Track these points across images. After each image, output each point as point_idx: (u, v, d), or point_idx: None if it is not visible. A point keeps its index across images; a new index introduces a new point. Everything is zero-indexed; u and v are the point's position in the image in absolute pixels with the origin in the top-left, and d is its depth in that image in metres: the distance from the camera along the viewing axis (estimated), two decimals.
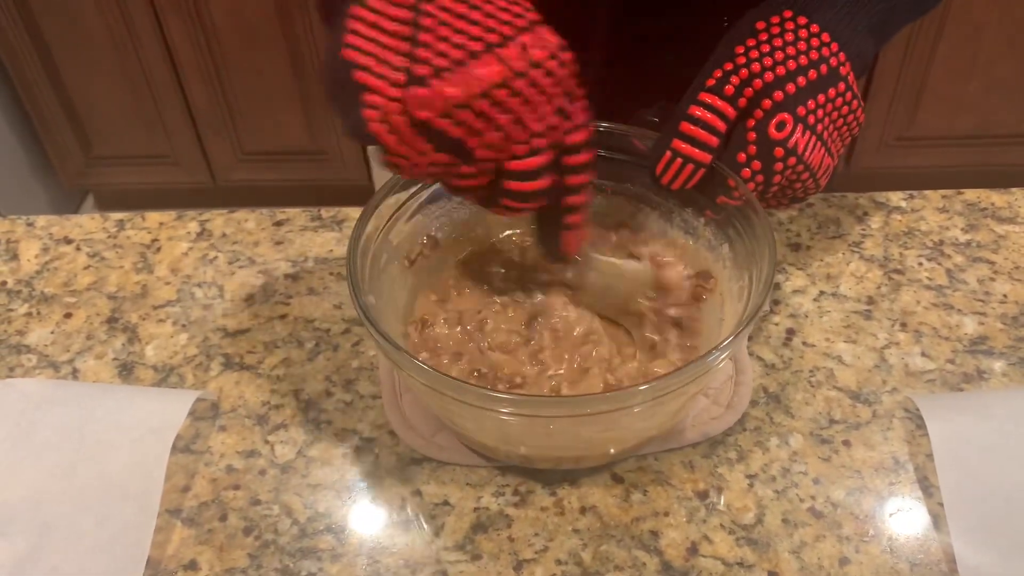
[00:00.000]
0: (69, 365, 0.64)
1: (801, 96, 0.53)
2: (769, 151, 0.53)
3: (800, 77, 0.53)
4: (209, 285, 0.70)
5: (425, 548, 0.52)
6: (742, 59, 0.53)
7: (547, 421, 0.48)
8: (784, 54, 0.53)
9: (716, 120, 0.53)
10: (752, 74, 0.53)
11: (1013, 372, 0.60)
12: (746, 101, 0.53)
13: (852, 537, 0.52)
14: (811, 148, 0.53)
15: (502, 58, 0.44)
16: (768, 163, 0.53)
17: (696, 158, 0.53)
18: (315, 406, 0.60)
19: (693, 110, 0.54)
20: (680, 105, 0.55)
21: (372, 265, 0.54)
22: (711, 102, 0.53)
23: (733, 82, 0.53)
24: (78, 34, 1.90)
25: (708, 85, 0.54)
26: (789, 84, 0.53)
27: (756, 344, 0.63)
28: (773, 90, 0.53)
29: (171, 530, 0.54)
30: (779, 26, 0.54)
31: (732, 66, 0.53)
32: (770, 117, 0.52)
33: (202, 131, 2.06)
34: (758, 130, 0.53)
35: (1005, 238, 0.70)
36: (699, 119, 0.53)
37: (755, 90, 0.53)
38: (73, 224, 0.77)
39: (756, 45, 0.53)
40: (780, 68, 0.53)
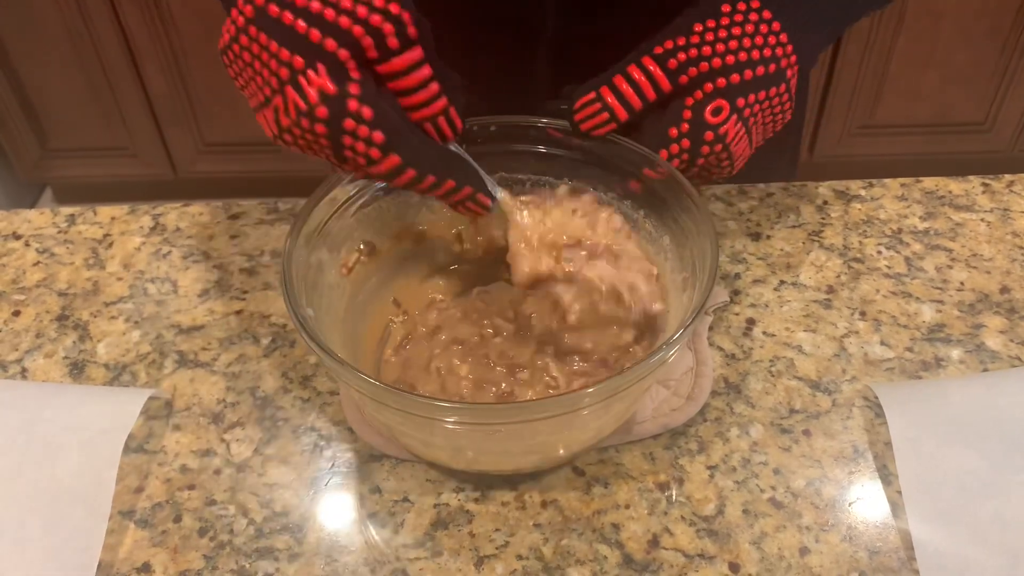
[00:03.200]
0: (18, 364, 0.63)
1: (744, 88, 0.54)
2: (700, 133, 0.54)
3: (747, 70, 0.53)
4: (162, 281, 0.69)
5: (385, 546, 0.52)
6: (696, 38, 0.54)
7: (496, 428, 0.48)
8: (739, 44, 0.53)
9: (648, 87, 0.54)
10: (701, 56, 0.53)
11: (970, 360, 0.61)
12: (687, 79, 0.54)
13: (812, 527, 0.52)
14: (738, 139, 0.55)
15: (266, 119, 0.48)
16: (696, 144, 0.54)
17: (616, 112, 0.54)
18: (271, 403, 0.59)
19: (631, 69, 0.54)
20: (624, 59, 0.55)
21: (308, 274, 0.53)
22: (651, 69, 0.54)
23: (680, 58, 0.54)
24: (32, 24, 1.85)
25: (656, 52, 0.54)
26: (735, 74, 0.53)
27: (716, 334, 0.63)
28: (718, 76, 0.53)
29: (124, 532, 0.53)
30: (743, 14, 0.54)
31: (684, 41, 0.54)
32: (708, 101, 0.53)
33: (162, 122, 2.02)
34: (694, 110, 0.54)
35: (962, 226, 0.71)
36: (634, 80, 0.54)
37: (700, 71, 0.53)
38: (22, 219, 0.75)
39: (715, 28, 0.54)
40: (730, 57, 0.53)
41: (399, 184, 0.49)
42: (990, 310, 0.64)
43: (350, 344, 0.57)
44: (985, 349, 0.61)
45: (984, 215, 0.72)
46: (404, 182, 0.49)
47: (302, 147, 0.48)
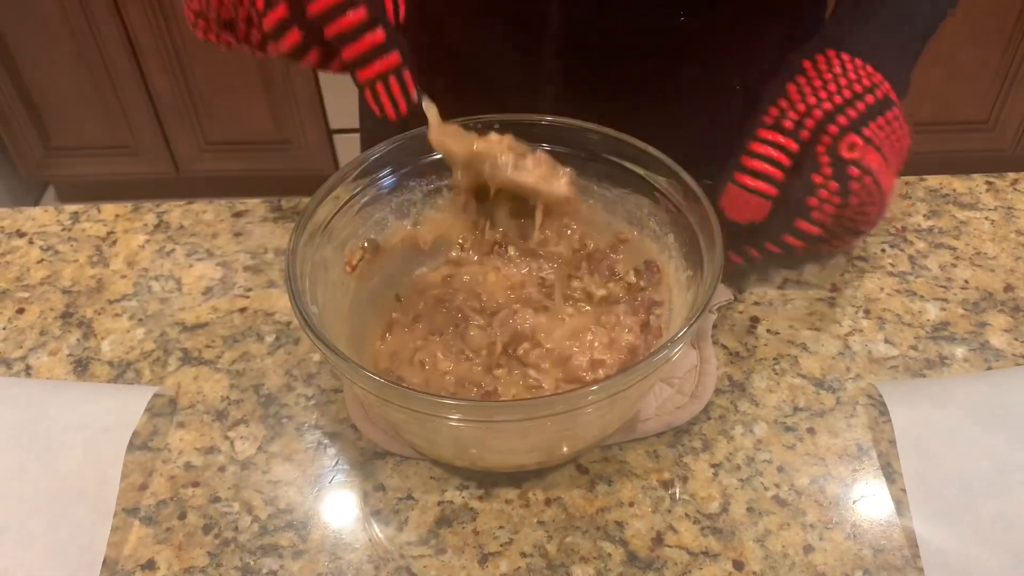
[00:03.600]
0: (22, 362, 0.63)
1: (863, 119, 0.55)
2: (843, 170, 0.55)
3: (858, 103, 0.55)
4: (166, 278, 0.69)
5: (388, 543, 0.52)
6: (796, 95, 0.55)
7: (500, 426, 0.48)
8: (837, 85, 0.55)
9: (778, 154, 0.55)
10: (810, 107, 0.55)
11: (974, 358, 0.61)
12: (808, 133, 0.55)
13: (816, 524, 0.52)
14: (880, 166, 0.55)
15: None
16: (843, 182, 0.55)
17: (760, 190, 0.55)
18: (276, 401, 0.59)
19: (753, 146, 0.55)
20: (740, 144, 0.56)
21: (313, 271, 0.53)
22: (771, 138, 0.55)
23: (791, 117, 0.55)
24: (35, 22, 1.85)
25: (766, 123, 0.56)
26: (850, 110, 0.55)
27: (721, 332, 0.63)
28: (836, 116, 0.55)
29: (128, 529, 0.53)
30: (825, 63, 0.56)
31: (787, 103, 0.55)
32: (840, 139, 0.55)
33: (165, 121, 2.02)
34: (830, 153, 0.55)
35: (966, 224, 0.71)
36: (760, 154, 0.55)
37: (816, 120, 0.55)
38: (26, 217, 0.75)
39: (807, 81, 0.56)
40: (837, 97, 0.55)
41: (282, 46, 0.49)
42: (994, 308, 0.64)
43: (355, 341, 0.57)
44: (989, 347, 0.61)
45: (988, 213, 0.72)
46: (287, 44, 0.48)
47: None
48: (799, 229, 0.56)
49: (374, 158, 0.58)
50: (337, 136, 2.04)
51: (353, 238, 0.58)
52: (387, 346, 0.58)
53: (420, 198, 0.61)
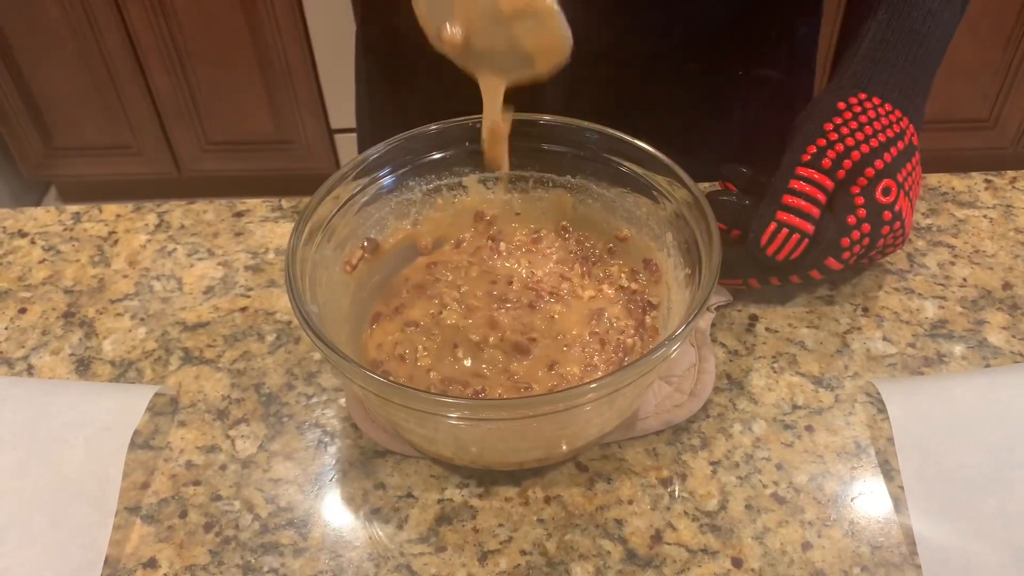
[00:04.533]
0: (24, 361, 0.63)
1: (896, 165, 0.57)
2: (878, 214, 0.57)
3: (893, 148, 0.57)
4: (168, 278, 0.69)
5: (389, 541, 0.52)
6: (834, 135, 0.57)
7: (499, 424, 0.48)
8: (873, 128, 0.57)
9: (816, 192, 0.57)
10: (848, 148, 0.56)
11: (972, 355, 0.61)
12: (844, 173, 0.57)
13: (815, 522, 0.52)
14: (908, 211, 0.58)
15: None
16: (876, 226, 0.57)
17: (800, 228, 0.56)
18: (276, 400, 0.60)
19: (793, 184, 0.57)
20: (777, 180, 0.57)
21: (313, 271, 0.54)
22: (810, 176, 0.57)
23: (830, 155, 0.57)
24: (36, 22, 1.86)
25: (804, 160, 0.57)
26: (885, 154, 0.57)
27: (719, 330, 0.63)
28: (873, 160, 0.57)
29: (130, 528, 0.53)
30: (859, 105, 0.58)
31: (825, 142, 0.57)
32: (876, 184, 0.57)
33: (166, 121, 2.03)
34: (866, 195, 0.57)
35: (965, 222, 0.71)
36: (800, 191, 0.56)
37: (854, 162, 0.57)
38: (28, 217, 0.75)
39: (844, 123, 0.57)
40: (873, 141, 0.57)
41: None
42: (992, 306, 0.64)
43: (354, 341, 0.57)
44: (987, 345, 0.61)
45: (987, 211, 0.72)
46: None
47: None
48: (828, 267, 0.58)
49: (373, 158, 0.58)
50: (338, 136, 2.05)
51: (353, 238, 0.59)
52: (373, 338, 0.58)
53: (419, 198, 0.62)
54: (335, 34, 1.84)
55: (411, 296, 0.60)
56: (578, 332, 0.57)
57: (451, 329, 0.57)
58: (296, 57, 1.89)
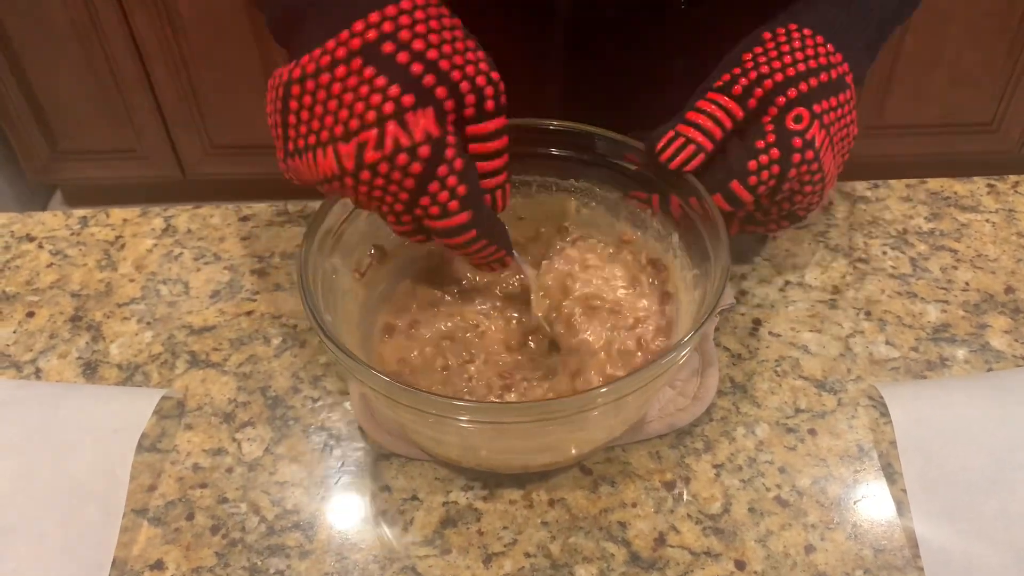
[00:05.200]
0: (32, 365, 0.64)
1: (815, 95, 0.54)
2: (787, 141, 0.54)
3: (812, 78, 0.55)
4: (174, 282, 0.69)
5: (394, 543, 0.52)
6: (750, 64, 0.55)
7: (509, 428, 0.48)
8: (793, 58, 0.55)
9: (722, 114, 0.55)
10: (762, 75, 0.55)
11: (975, 359, 0.61)
12: (756, 102, 0.55)
13: (817, 525, 0.52)
14: (824, 146, 0.55)
15: (338, 154, 0.46)
16: (785, 152, 0.54)
17: (699, 141, 0.55)
18: (282, 403, 0.60)
19: (701, 104, 0.55)
20: (689, 101, 0.56)
21: (324, 279, 0.54)
22: (719, 99, 0.55)
23: (742, 83, 0.55)
24: (42, 27, 1.86)
25: (716, 86, 0.56)
26: (802, 83, 0.54)
27: (722, 334, 0.63)
28: (787, 87, 0.54)
29: (137, 530, 0.53)
30: (785, 35, 0.56)
31: (740, 70, 0.55)
32: (787, 110, 0.54)
33: (170, 125, 2.03)
34: (776, 122, 0.54)
35: (967, 226, 0.71)
36: (704, 110, 0.55)
37: (765, 90, 0.55)
38: (35, 221, 0.76)
39: (764, 52, 0.55)
40: (791, 69, 0.55)
41: (451, 241, 0.49)
42: (995, 310, 0.64)
43: (365, 347, 0.57)
44: (990, 349, 0.62)
45: (989, 216, 0.72)
46: (460, 241, 0.49)
47: (362, 192, 0.47)
48: (733, 191, 0.55)
49: None
50: None
51: (361, 245, 0.59)
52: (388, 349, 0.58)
53: None
54: None
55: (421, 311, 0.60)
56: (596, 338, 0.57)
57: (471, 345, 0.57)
58: None
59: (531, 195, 0.63)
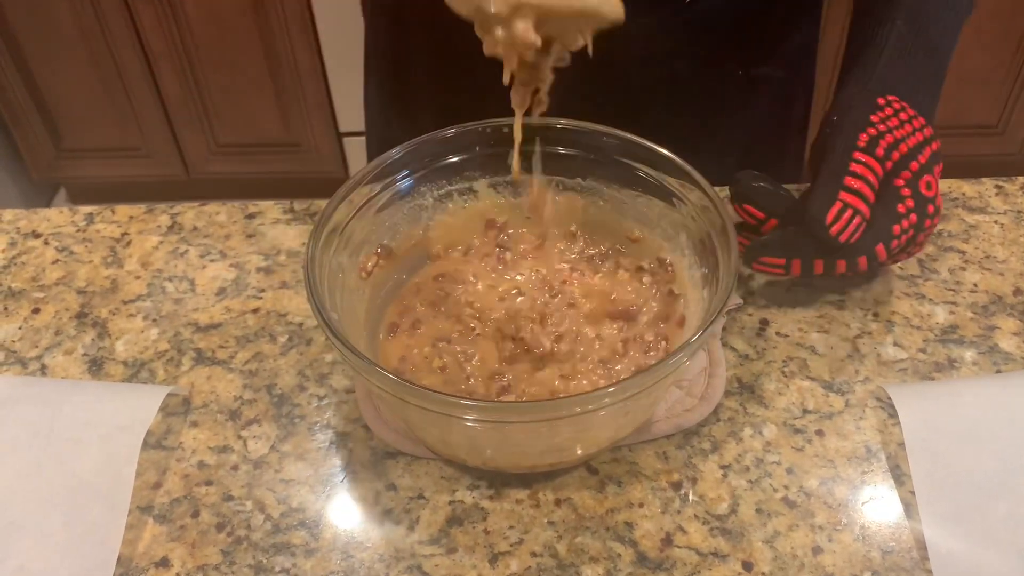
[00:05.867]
0: (37, 361, 0.63)
1: (930, 164, 0.59)
2: (924, 206, 0.58)
3: (927, 148, 0.59)
4: (180, 279, 0.69)
5: (400, 542, 0.52)
6: (882, 127, 0.58)
7: (515, 427, 0.48)
8: (911, 127, 0.59)
9: (872, 177, 0.58)
10: (896, 140, 0.58)
11: (983, 361, 0.61)
12: (892, 164, 0.58)
13: (825, 526, 0.52)
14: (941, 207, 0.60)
15: None
16: (921, 216, 0.58)
17: (861, 210, 0.57)
18: (288, 401, 0.60)
19: (854, 166, 0.57)
20: (834, 162, 0.58)
21: (331, 278, 0.54)
22: (867, 161, 0.58)
23: (882, 144, 0.58)
24: (48, 25, 1.87)
25: (860, 145, 0.58)
26: (921, 155, 0.59)
27: (730, 335, 0.63)
28: (916, 155, 0.58)
29: (142, 527, 0.53)
30: (895, 105, 0.59)
31: (876, 132, 0.58)
32: (919, 177, 0.58)
33: (175, 123, 2.03)
34: (911, 187, 0.58)
35: (975, 228, 0.71)
36: (860, 174, 0.57)
37: (901, 154, 0.58)
38: (41, 218, 0.76)
39: (887, 118, 0.59)
40: (912, 139, 0.59)
41: None
42: (1003, 312, 0.64)
43: (372, 346, 0.57)
44: (998, 351, 0.61)
45: (998, 217, 0.72)
46: None
47: None
48: (876, 253, 0.58)
49: (390, 161, 0.58)
50: (346, 139, 2.05)
51: (367, 243, 0.59)
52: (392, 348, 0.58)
53: (431, 203, 0.62)
54: (344, 38, 1.84)
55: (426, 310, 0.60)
56: (597, 336, 0.57)
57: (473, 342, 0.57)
58: (305, 60, 1.90)
59: None
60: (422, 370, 0.56)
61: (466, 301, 0.60)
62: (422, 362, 0.57)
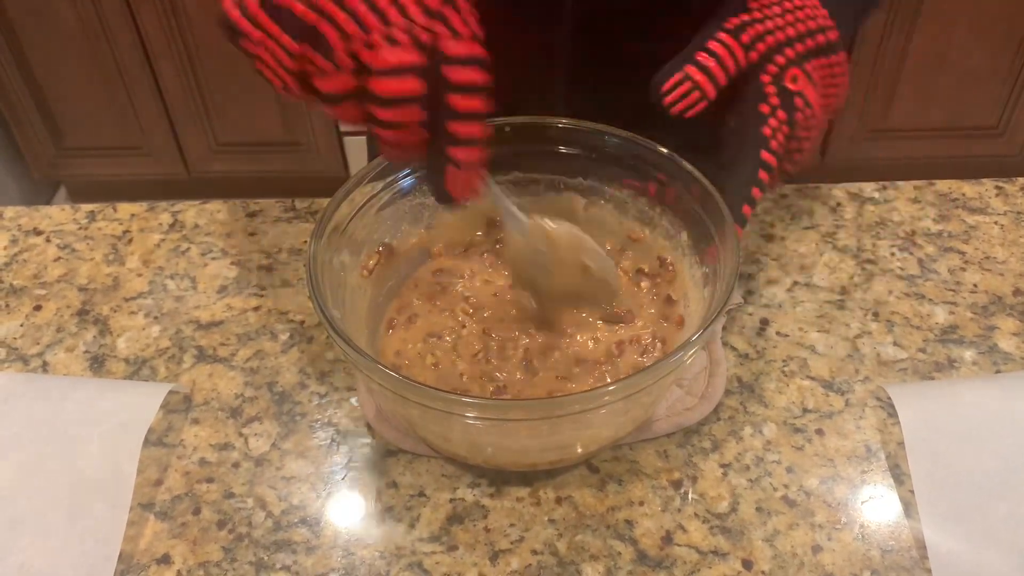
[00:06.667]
0: (39, 358, 0.64)
1: (808, 55, 0.56)
2: (790, 101, 0.56)
3: (808, 39, 0.56)
4: (181, 277, 0.69)
5: (401, 539, 0.52)
6: (757, 14, 0.56)
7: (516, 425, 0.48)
8: (794, 17, 0.56)
9: (729, 60, 0.55)
10: (767, 30, 0.56)
11: (983, 361, 0.61)
12: (757, 55, 0.56)
13: (825, 525, 0.52)
14: (817, 104, 0.57)
15: None
16: (790, 112, 0.56)
17: (704, 88, 0.55)
18: (289, 398, 0.60)
19: (712, 44, 0.56)
20: (697, 38, 0.56)
21: (333, 276, 0.54)
22: (729, 42, 0.56)
23: (750, 32, 0.56)
24: (49, 23, 1.87)
25: (727, 27, 0.56)
26: (799, 44, 0.56)
27: (730, 334, 0.63)
28: (785, 47, 0.56)
29: (143, 524, 0.53)
30: None
31: (748, 18, 0.56)
32: (784, 71, 0.56)
33: (176, 122, 2.03)
34: (775, 83, 0.56)
35: (975, 228, 0.71)
36: (716, 52, 0.55)
37: (767, 46, 0.56)
38: (43, 215, 0.76)
39: (768, 5, 0.56)
40: (790, 29, 0.56)
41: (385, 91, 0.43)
42: (1003, 312, 0.64)
43: (372, 343, 0.57)
44: (998, 351, 0.62)
45: (998, 218, 0.72)
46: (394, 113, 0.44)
47: None
48: (764, 160, 0.56)
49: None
50: (347, 138, 2.05)
51: (369, 242, 0.59)
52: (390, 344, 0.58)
53: (433, 202, 0.62)
54: None
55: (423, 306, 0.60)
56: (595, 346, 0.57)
57: (469, 340, 0.57)
58: None
59: (539, 193, 0.63)
60: (416, 366, 0.57)
61: (462, 296, 0.60)
62: (416, 358, 0.57)
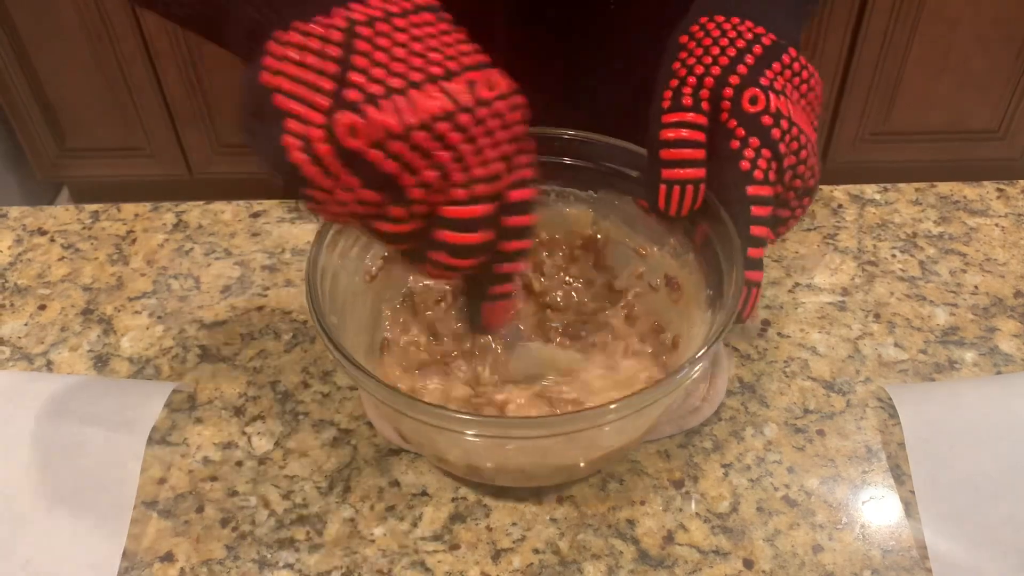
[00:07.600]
0: (43, 357, 0.64)
1: (755, 71, 0.52)
2: (756, 124, 0.51)
3: (747, 56, 0.52)
4: (185, 277, 0.70)
5: (403, 538, 0.52)
6: (683, 71, 0.52)
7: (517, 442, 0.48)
8: (719, 47, 0.52)
9: (692, 133, 0.52)
10: (699, 76, 0.52)
11: (983, 362, 0.61)
12: (708, 103, 0.52)
13: (825, 525, 0.52)
14: (791, 110, 0.52)
15: (446, 90, 0.40)
16: (763, 135, 0.51)
17: (690, 178, 0.52)
18: (292, 398, 0.60)
19: (665, 134, 0.52)
20: (649, 136, 0.53)
21: (332, 282, 0.53)
22: (678, 119, 0.52)
23: (686, 92, 0.52)
24: (52, 24, 1.87)
25: (665, 107, 0.52)
26: (739, 66, 0.52)
27: (732, 335, 0.63)
28: (727, 77, 0.52)
29: (147, 522, 0.54)
30: (702, 29, 0.53)
31: (677, 81, 0.52)
32: (739, 98, 0.51)
33: (178, 123, 2.04)
34: (736, 115, 0.51)
35: (976, 230, 0.71)
36: (675, 140, 0.52)
37: (709, 89, 0.52)
38: (47, 215, 0.76)
39: (690, 53, 0.53)
40: (723, 59, 0.52)
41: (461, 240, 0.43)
42: (1004, 314, 0.65)
43: (371, 354, 0.57)
44: (999, 352, 0.62)
45: (998, 220, 0.72)
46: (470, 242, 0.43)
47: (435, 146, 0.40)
48: (753, 196, 0.52)
49: None
50: None
51: (372, 247, 0.59)
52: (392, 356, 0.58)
53: None
54: None
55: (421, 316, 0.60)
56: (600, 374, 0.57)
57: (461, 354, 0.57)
58: None
59: (548, 205, 0.62)
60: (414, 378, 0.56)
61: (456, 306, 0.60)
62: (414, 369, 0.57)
